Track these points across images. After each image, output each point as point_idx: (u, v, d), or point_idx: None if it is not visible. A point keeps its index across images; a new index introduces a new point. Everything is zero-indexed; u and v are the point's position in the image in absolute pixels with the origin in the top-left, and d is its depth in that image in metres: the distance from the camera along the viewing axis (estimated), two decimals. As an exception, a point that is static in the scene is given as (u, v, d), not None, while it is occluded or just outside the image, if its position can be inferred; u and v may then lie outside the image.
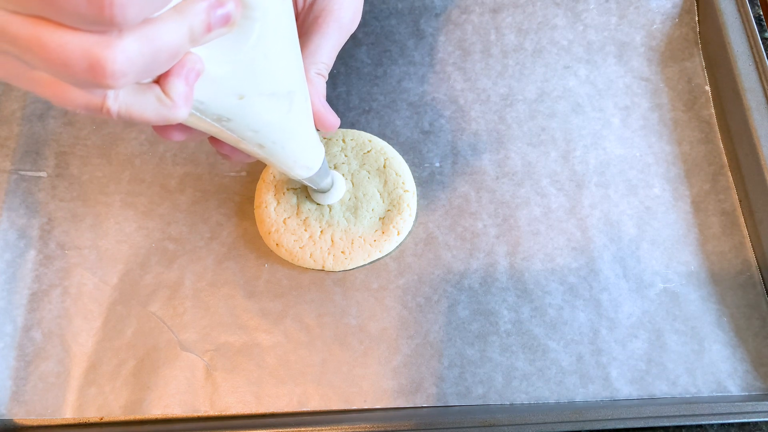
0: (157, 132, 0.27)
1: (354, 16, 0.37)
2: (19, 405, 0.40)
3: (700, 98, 0.47)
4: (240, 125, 0.26)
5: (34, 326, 0.42)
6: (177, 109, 0.21)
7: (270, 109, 0.26)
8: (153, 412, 0.39)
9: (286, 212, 0.43)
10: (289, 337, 0.41)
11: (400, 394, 0.39)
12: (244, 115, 0.25)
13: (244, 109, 0.25)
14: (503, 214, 0.44)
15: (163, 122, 0.22)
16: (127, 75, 0.18)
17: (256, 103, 0.25)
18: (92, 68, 0.17)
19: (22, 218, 0.45)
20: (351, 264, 0.42)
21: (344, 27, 0.37)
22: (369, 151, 0.45)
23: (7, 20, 0.17)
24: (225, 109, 0.24)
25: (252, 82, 0.24)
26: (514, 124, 0.47)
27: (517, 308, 0.41)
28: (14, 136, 0.47)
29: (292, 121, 0.29)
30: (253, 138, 0.28)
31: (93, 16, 0.16)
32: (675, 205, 0.44)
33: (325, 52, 0.35)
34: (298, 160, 0.33)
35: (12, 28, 0.17)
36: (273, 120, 0.27)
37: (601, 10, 0.49)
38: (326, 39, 0.36)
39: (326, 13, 0.36)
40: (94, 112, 0.20)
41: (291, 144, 0.30)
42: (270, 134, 0.28)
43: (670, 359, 0.40)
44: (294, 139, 0.30)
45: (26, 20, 0.17)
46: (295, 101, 0.28)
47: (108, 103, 0.20)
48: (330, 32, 0.36)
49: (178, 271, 0.43)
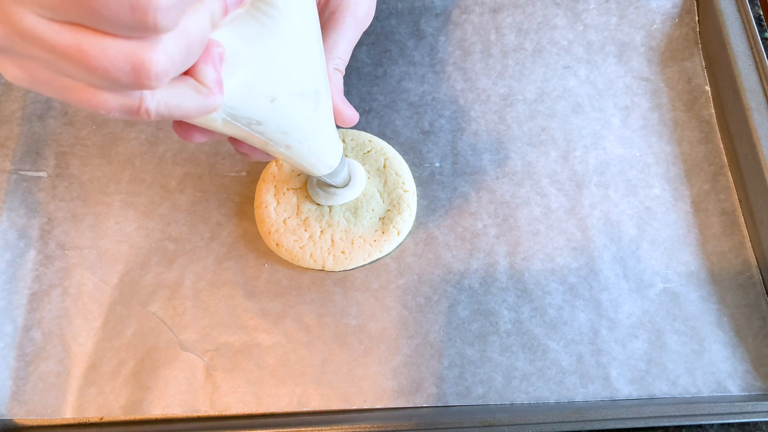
0: (179, 134, 0.27)
1: (369, 11, 0.37)
2: (19, 405, 0.40)
3: (700, 98, 0.47)
4: (270, 128, 0.26)
5: (34, 326, 0.42)
6: (213, 95, 0.21)
7: (298, 109, 0.27)
8: (153, 412, 0.39)
9: (286, 212, 0.43)
10: (289, 337, 0.41)
11: (400, 394, 0.39)
12: (275, 117, 0.26)
13: (275, 111, 0.25)
14: (503, 214, 0.44)
15: (203, 112, 0.21)
16: (169, 73, 0.18)
17: (286, 104, 0.25)
18: (136, 72, 0.17)
19: (22, 218, 0.45)
20: (351, 264, 0.42)
21: (360, 22, 0.37)
22: (369, 151, 0.45)
23: (44, 28, 0.17)
24: (257, 112, 0.24)
25: (282, 83, 0.24)
26: (514, 124, 0.47)
27: (517, 308, 0.41)
28: (14, 136, 0.47)
29: (317, 120, 0.29)
30: (281, 139, 0.28)
31: (136, 23, 0.16)
32: (675, 205, 0.44)
33: (342, 47, 0.35)
34: (321, 158, 0.33)
35: (50, 37, 0.17)
36: (301, 120, 0.27)
37: (601, 10, 0.49)
38: (343, 34, 0.36)
39: (342, 8, 0.36)
40: (131, 114, 0.20)
41: (315, 142, 0.31)
42: (297, 134, 0.28)
43: (670, 359, 0.40)
44: (318, 137, 0.30)
45: (64, 28, 0.17)
46: (321, 99, 0.28)
47: (146, 104, 0.20)
48: (347, 27, 0.36)
49: (178, 271, 0.43)
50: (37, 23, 0.16)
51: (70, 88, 0.19)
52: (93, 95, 0.19)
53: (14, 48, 0.18)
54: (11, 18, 0.16)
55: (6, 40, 0.17)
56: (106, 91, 0.19)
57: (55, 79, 0.19)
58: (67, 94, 0.19)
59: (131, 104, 0.19)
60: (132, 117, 0.20)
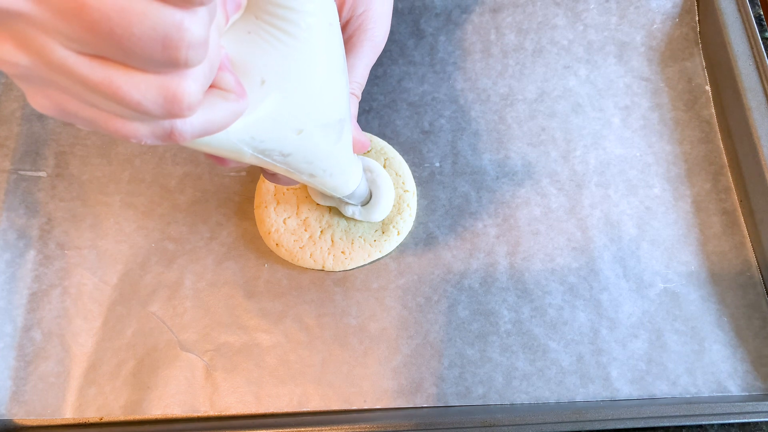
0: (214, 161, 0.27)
1: (386, 34, 0.37)
2: (18, 405, 0.40)
3: (701, 98, 0.47)
4: (297, 159, 0.26)
5: (34, 326, 0.42)
6: (241, 98, 0.21)
7: (324, 140, 0.27)
8: (153, 412, 0.39)
9: (286, 212, 0.43)
10: (289, 337, 0.41)
11: (400, 395, 0.39)
12: (301, 149, 0.26)
13: (302, 143, 0.25)
14: (503, 214, 0.44)
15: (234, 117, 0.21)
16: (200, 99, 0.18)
17: (313, 136, 0.25)
18: (169, 104, 0.17)
19: (21, 218, 0.44)
20: (351, 264, 0.42)
21: (377, 45, 0.36)
22: (369, 151, 0.45)
23: (74, 61, 0.16)
24: (285, 145, 0.25)
25: (308, 114, 0.24)
26: (514, 124, 0.47)
27: (517, 308, 0.41)
28: (14, 136, 0.47)
29: (339, 149, 0.29)
30: (306, 169, 0.28)
31: (167, 60, 0.16)
32: (675, 205, 0.44)
33: (360, 71, 0.35)
34: (343, 182, 0.33)
35: (80, 70, 0.17)
36: (326, 150, 0.28)
37: (601, 9, 0.49)
38: (360, 58, 0.35)
39: (360, 32, 0.35)
40: (164, 139, 0.20)
41: (338, 170, 0.31)
42: (321, 163, 0.29)
43: (671, 359, 0.40)
44: (341, 164, 0.31)
45: (94, 62, 0.17)
46: (345, 128, 0.28)
47: (179, 127, 0.19)
48: (365, 51, 0.35)
49: (177, 271, 0.43)
50: (67, 56, 0.16)
51: (99, 118, 0.19)
52: (123, 125, 0.19)
53: (42, 78, 0.17)
54: (41, 49, 0.16)
55: (35, 71, 0.17)
56: (135, 120, 0.19)
57: (83, 110, 0.19)
58: (97, 124, 0.19)
59: (164, 130, 0.19)
60: (166, 142, 0.20)
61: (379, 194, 0.41)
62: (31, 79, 0.18)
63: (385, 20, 0.37)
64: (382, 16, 0.37)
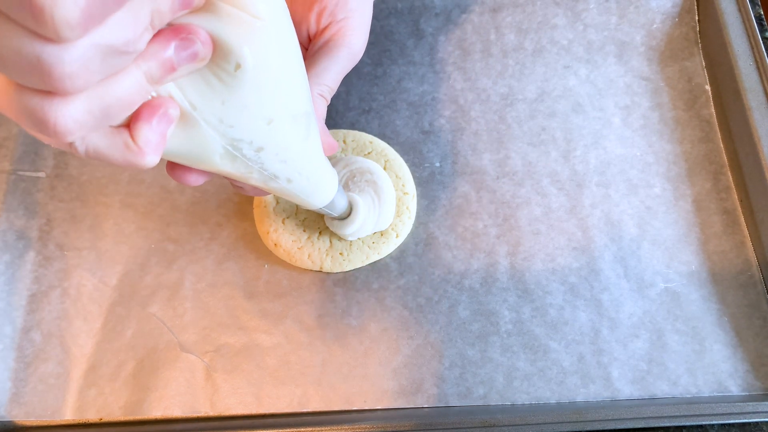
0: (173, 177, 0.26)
1: (363, 45, 0.37)
2: (18, 406, 0.40)
3: (701, 97, 0.47)
4: (270, 155, 0.26)
5: (34, 327, 0.42)
6: (144, 156, 0.20)
7: (293, 133, 0.27)
8: (153, 413, 0.39)
9: (285, 212, 0.43)
10: (290, 337, 0.41)
11: (400, 395, 0.39)
12: (273, 142, 0.26)
13: (273, 134, 0.25)
14: (504, 214, 0.44)
15: (131, 168, 0.21)
16: (74, 133, 0.17)
17: (282, 126, 0.25)
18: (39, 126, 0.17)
19: (20, 219, 0.44)
20: (349, 265, 0.42)
21: (354, 54, 0.37)
22: (370, 153, 0.45)
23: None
24: (256, 135, 0.24)
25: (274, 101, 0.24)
26: (514, 123, 0.47)
27: (517, 308, 0.41)
28: (13, 136, 0.47)
29: (310, 146, 0.29)
30: (282, 171, 0.28)
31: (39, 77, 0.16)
32: (676, 205, 0.44)
33: (332, 75, 0.35)
34: (319, 188, 0.33)
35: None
36: (296, 146, 0.27)
37: (601, 9, 0.49)
38: (335, 62, 0.35)
39: (339, 37, 0.36)
40: (64, 148, 0.19)
41: (312, 173, 0.31)
42: (295, 164, 0.28)
43: (671, 359, 0.40)
44: (313, 164, 0.31)
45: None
46: (311, 124, 0.28)
47: (76, 144, 0.19)
48: (340, 56, 0.36)
49: (177, 272, 0.43)
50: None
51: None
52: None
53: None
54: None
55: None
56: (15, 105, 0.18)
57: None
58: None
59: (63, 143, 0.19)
60: (67, 151, 0.19)
61: (382, 198, 0.42)
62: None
63: (364, 30, 0.37)
64: (362, 26, 0.37)
